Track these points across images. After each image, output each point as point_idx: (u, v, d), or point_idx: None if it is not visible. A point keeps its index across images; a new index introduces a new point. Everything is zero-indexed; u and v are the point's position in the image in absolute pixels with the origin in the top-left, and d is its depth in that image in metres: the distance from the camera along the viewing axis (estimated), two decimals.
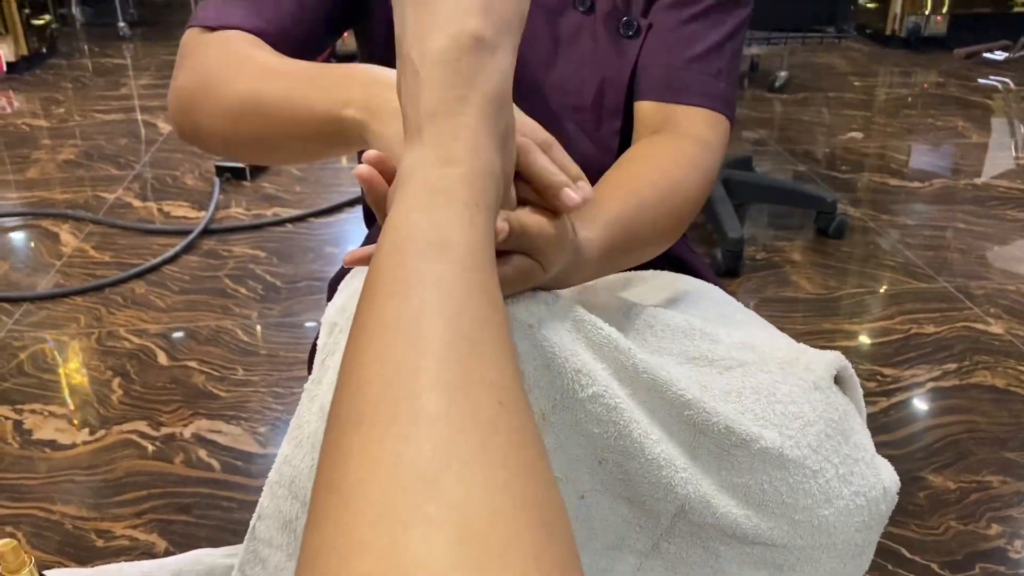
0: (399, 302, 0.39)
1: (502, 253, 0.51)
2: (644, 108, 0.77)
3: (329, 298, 0.93)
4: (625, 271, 0.79)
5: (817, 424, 0.58)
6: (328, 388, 0.58)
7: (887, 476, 0.63)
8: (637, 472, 0.55)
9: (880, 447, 1.44)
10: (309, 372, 0.83)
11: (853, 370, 0.64)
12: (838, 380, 0.64)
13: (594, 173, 0.71)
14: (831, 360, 0.62)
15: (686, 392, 0.55)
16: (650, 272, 0.80)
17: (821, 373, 0.60)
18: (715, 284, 0.87)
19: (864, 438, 0.62)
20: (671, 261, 0.89)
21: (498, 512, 0.30)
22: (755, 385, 0.59)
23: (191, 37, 0.71)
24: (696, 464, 0.56)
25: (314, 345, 0.81)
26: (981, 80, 3.72)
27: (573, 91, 0.78)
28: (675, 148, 0.72)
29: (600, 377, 0.53)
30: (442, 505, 0.30)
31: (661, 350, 0.61)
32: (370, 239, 0.90)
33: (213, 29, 0.70)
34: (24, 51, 3.64)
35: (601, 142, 0.79)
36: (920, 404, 1.60)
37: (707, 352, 0.61)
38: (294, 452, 0.58)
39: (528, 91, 0.78)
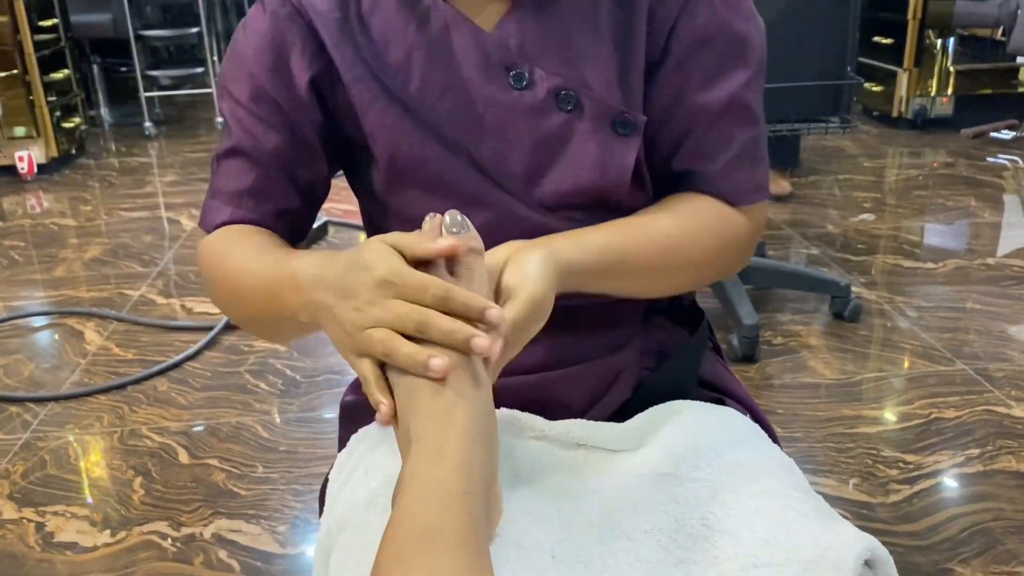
0: None
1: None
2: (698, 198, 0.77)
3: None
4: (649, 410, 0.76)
5: None
6: None
7: None
8: None
9: (905, 537, 1.43)
10: (323, 489, 0.82)
11: (887, 552, 0.61)
12: (871, 563, 0.61)
13: None
14: (860, 553, 0.59)
15: None
16: (674, 405, 0.75)
17: (847, 573, 0.57)
18: (751, 408, 0.82)
19: None
20: (705, 384, 0.84)
21: None
22: None
23: (200, 247, 0.80)
24: None
25: (326, 480, 0.80)
26: (990, 159, 3.77)
27: (567, 193, 0.73)
28: (723, 219, 0.76)
29: None
30: None
31: (687, 560, 0.61)
32: None
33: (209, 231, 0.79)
34: (54, 153, 3.76)
35: None
36: (944, 492, 1.58)
37: (732, 555, 0.60)
38: None
39: (522, 196, 0.73)
